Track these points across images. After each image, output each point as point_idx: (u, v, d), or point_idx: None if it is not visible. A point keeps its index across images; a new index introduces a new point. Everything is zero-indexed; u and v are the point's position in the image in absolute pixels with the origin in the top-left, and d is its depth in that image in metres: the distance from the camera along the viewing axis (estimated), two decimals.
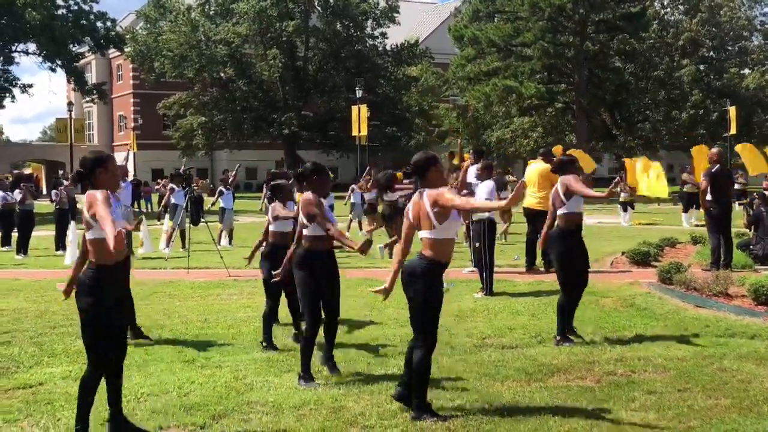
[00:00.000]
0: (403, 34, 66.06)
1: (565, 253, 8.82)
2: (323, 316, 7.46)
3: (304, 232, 7.35)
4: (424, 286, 6.15)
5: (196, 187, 24.28)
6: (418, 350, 6.22)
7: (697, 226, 23.16)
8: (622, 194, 28.08)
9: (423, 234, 6.24)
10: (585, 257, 8.99)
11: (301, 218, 7.39)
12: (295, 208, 9.57)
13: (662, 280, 12.10)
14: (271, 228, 9.11)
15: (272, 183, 9.39)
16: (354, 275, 13.90)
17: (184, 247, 19.47)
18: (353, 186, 24.25)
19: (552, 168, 9.76)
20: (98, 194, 5.58)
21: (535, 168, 14.92)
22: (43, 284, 14.13)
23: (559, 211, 8.88)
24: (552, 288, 12.44)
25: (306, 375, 7.20)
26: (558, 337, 8.68)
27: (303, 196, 7.45)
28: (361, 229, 23.30)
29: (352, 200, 23.58)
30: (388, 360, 8.02)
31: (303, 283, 7.30)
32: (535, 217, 14.80)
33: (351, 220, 23.90)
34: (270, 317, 8.88)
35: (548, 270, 14.19)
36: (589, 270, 9.15)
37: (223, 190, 22.01)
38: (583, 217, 9.11)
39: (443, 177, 6.42)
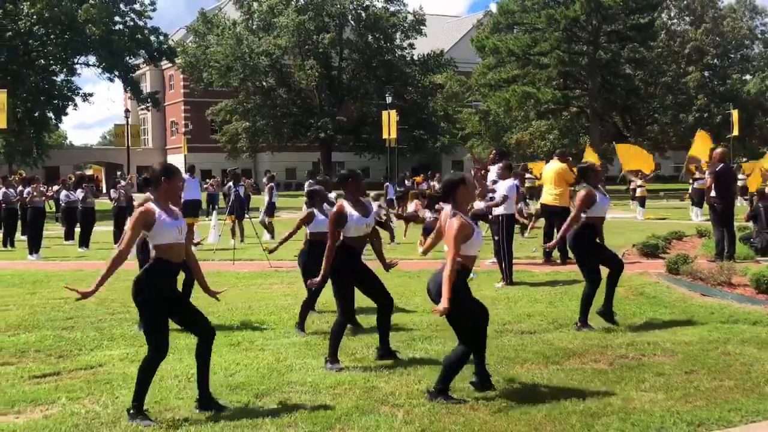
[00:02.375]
0: (430, 45, 65.87)
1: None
2: (378, 306, 7.49)
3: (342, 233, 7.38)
4: (454, 296, 6.09)
5: (243, 186, 24.43)
6: (458, 346, 6.19)
7: (706, 221, 22.97)
8: (639, 190, 27.89)
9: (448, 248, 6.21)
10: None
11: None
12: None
13: (670, 271, 11.99)
14: (309, 229, 9.18)
15: (308, 189, 9.46)
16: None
17: (234, 237, 19.60)
18: (387, 183, 24.31)
19: (575, 179, 9.76)
20: (134, 214, 5.88)
21: (552, 167, 14.83)
22: None
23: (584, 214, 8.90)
24: (567, 278, 12.39)
25: (332, 358, 7.22)
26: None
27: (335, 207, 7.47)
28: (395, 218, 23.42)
29: (388, 196, 23.50)
30: (416, 344, 8.02)
31: (348, 287, 7.32)
32: (551, 213, 14.74)
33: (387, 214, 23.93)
34: (307, 306, 8.93)
35: (564, 262, 14.14)
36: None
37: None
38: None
39: (471, 195, 6.42)
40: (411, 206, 20.41)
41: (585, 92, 52.08)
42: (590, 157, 19.78)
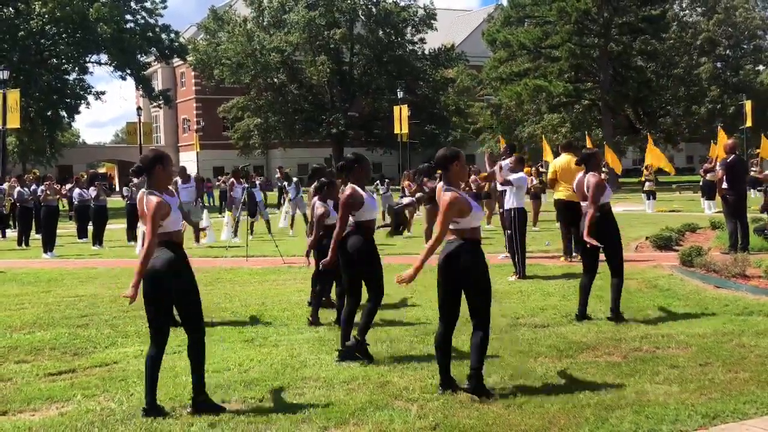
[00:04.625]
0: (440, 39, 65.82)
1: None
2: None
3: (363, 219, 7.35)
4: (481, 264, 6.07)
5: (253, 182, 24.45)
6: (479, 331, 6.08)
7: (719, 212, 22.95)
8: (647, 184, 27.79)
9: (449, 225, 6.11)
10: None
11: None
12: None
13: (683, 263, 11.94)
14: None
15: (319, 180, 9.28)
16: (397, 261, 13.92)
17: (236, 235, 19.58)
18: (377, 181, 24.41)
19: (576, 161, 9.56)
20: (152, 203, 5.68)
21: (560, 162, 14.39)
22: (117, 272, 14.33)
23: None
24: (580, 271, 12.33)
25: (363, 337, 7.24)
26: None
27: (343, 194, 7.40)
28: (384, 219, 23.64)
29: (381, 192, 23.61)
30: (430, 338, 8.00)
31: (377, 267, 7.32)
32: (570, 210, 14.33)
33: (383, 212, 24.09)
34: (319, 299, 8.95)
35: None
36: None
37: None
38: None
39: (465, 172, 6.33)
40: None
41: (597, 85, 51.93)
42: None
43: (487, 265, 6.18)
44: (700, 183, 27.67)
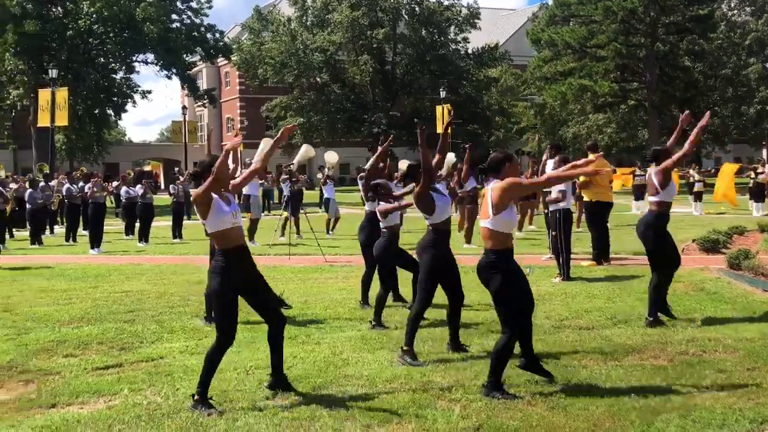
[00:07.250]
0: (484, 39, 65.50)
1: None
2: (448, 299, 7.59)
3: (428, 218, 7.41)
4: (501, 277, 6.13)
5: (297, 181, 24.50)
6: (502, 335, 6.17)
7: (766, 215, 22.63)
8: (696, 185, 27.36)
9: (482, 223, 6.26)
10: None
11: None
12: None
13: (731, 266, 11.79)
14: (383, 224, 8.94)
15: (373, 182, 9.14)
16: None
17: (282, 235, 19.59)
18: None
19: (649, 157, 9.54)
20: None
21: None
22: (162, 269, 14.50)
23: (656, 198, 8.74)
24: (626, 273, 12.24)
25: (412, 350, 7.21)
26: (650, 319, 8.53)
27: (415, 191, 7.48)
28: None
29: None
30: (472, 339, 7.99)
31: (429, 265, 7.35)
32: (599, 208, 14.09)
33: None
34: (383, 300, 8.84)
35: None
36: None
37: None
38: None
39: (517, 174, 6.35)
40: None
41: (643, 85, 51.29)
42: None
43: (518, 277, 6.28)
44: (749, 185, 27.19)
